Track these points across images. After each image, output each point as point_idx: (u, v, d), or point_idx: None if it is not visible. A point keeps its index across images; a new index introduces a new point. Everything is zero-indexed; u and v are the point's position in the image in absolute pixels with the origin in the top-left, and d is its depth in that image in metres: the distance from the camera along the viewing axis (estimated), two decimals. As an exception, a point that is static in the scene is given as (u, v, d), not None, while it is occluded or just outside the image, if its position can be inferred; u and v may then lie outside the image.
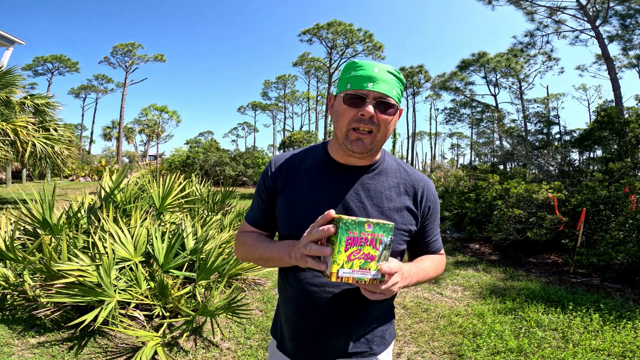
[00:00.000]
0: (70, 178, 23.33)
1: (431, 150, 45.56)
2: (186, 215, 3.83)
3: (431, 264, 1.05)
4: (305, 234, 0.79)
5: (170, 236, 3.16)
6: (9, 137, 6.58)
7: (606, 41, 11.29)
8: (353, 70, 0.91)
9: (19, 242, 3.15)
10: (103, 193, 3.61)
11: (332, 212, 0.77)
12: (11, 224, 3.27)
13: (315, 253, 0.76)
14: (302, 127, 44.66)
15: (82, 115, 42.28)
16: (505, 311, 3.56)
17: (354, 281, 0.73)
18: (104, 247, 2.82)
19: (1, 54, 12.71)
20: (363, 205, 0.96)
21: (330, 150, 1.02)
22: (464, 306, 3.76)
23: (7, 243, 2.82)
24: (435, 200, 1.07)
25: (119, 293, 2.68)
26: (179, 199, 4.00)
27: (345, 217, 0.73)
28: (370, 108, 0.88)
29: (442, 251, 1.14)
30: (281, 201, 1.01)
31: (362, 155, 0.94)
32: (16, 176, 19.33)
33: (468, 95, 22.87)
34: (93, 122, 44.98)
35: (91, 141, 41.97)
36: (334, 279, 0.72)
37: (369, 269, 0.73)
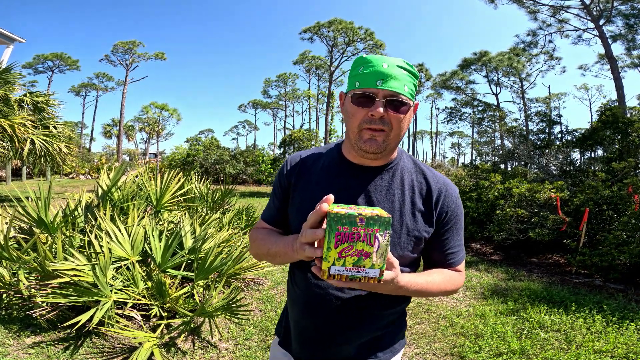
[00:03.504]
0: (71, 176, 23.33)
1: (432, 149, 45.52)
2: (184, 213, 3.79)
3: (440, 279, 0.94)
4: (304, 223, 0.75)
5: (168, 235, 3.12)
6: (7, 133, 6.54)
7: (610, 40, 11.22)
8: (362, 66, 0.87)
9: (14, 241, 3.11)
10: (100, 191, 3.57)
11: (324, 207, 0.69)
12: (6, 222, 3.23)
13: (309, 238, 0.71)
14: (302, 125, 44.62)
15: (83, 113, 42.35)
16: (507, 312, 3.52)
17: (348, 279, 0.67)
18: (101, 246, 2.78)
19: (1, 51, 12.68)
20: (372, 206, 0.92)
21: (344, 150, 0.99)
22: (465, 307, 3.72)
23: (2, 242, 2.78)
24: (457, 206, 0.98)
25: (115, 293, 2.63)
26: (177, 197, 3.96)
27: (334, 210, 0.65)
28: (380, 109, 0.84)
29: (461, 268, 1.02)
30: (294, 199, 1.00)
31: (376, 156, 0.90)
32: (16, 174, 19.32)
33: (469, 94, 22.79)
34: (93, 120, 45.03)
35: (91, 139, 42.00)
36: (325, 277, 0.66)
37: (364, 267, 0.66)
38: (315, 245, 0.72)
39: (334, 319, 0.94)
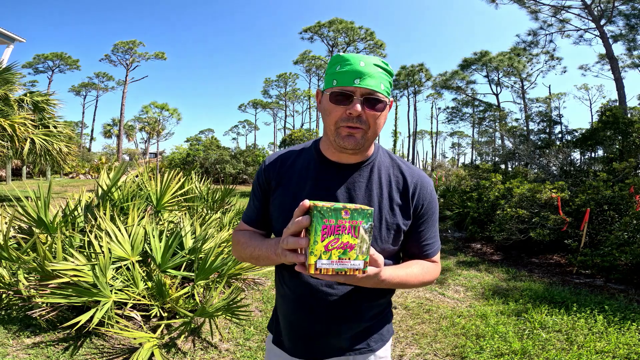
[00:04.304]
0: (71, 175, 23.32)
1: (432, 149, 45.46)
2: (185, 213, 3.78)
3: (418, 270, 0.97)
4: (285, 229, 0.76)
5: (168, 235, 3.12)
6: (7, 133, 6.53)
7: (610, 41, 11.20)
8: (339, 65, 0.88)
9: (14, 241, 3.10)
10: (100, 191, 3.56)
11: (306, 202, 0.72)
12: (6, 222, 3.22)
13: (291, 246, 0.72)
14: (302, 125, 44.57)
15: (83, 113, 42.37)
16: (508, 312, 3.51)
17: (334, 272, 0.68)
18: (100, 246, 2.77)
19: (2, 51, 12.67)
20: (353, 203, 0.94)
21: (322, 147, 1.00)
22: (466, 307, 3.71)
23: (1, 242, 2.77)
24: (432, 199, 1.01)
25: (115, 293, 2.62)
26: (177, 197, 3.95)
27: (320, 204, 0.68)
28: (358, 106, 0.85)
29: (437, 258, 1.06)
30: (274, 200, 1.01)
31: (354, 152, 0.92)
32: (16, 173, 19.32)
33: (470, 94, 22.75)
34: (94, 120, 45.10)
35: (92, 139, 42.01)
36: (312, 271, 0.67)
37: (349, 259, 0.68)
38: (301, 235, 0.73)
39: (324, 314, 0.97)
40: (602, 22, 11.10)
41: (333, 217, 0.67)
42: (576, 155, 8.98)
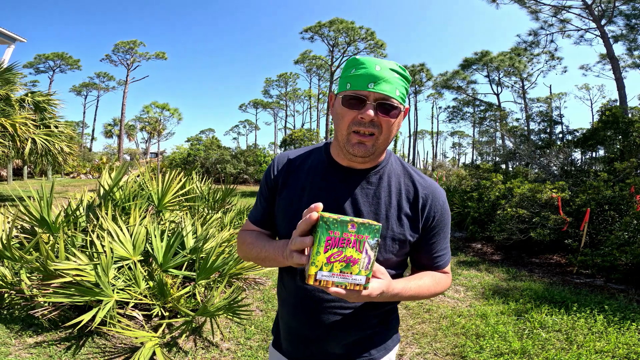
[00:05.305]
0: (72, 175, 23.36)
1: (433, 149, 45.43)
2: (186, 213, 3.79)
3: (430, 282, 0.95)
4: (294, 231, 0.75)
5: (170, 235, 3.13)
6: (8, 133, 6.55)
7: (611, 41, 11.20)
8: (354, 68, 0.86)
9: (16, 241, 3.12)
10: (102, 191, 3.58)
11: (319, 206, 0.70)
12: (8, 222, 3.23)
13: (298, 246, 0.71)
14: (303, 125, 44.60)
15: (84, 113, 42.45)
16: (508, 312, 3.52)
17: (333, 285, 0.67)
18: (102, 246, 2.79)
19: (3, 51, 12.70)
20: (359, 210, 0.93)
21: (332, 151, 0.98)
22: (466, 307, 3.72)
23: (4, 241, 2.79)
24: (444, 211, 0.98)
25: (117, 292, 2.64)
26: (178, 197, 3.96)
27: (327, 214, 0.66)
28: (371, 111, 0.83)
29: (448, 269, 1.03)
30: (281, 201, 0.99)
31: (364, 159, 0.90)
32: (17, 173, 19.36)
33: (470, 94, 22.74)
34: (94, 120, 45.27)
35: (92, 139, 42.08)
36: (311, 282, 0.66)
37: (351, 273, 0.67)
38: (305, 253, 0.72)
39: (321, 320, 0.95)
40: (603, 22, 11.10)
41: (338, 229, 0.65)
42: (577, 155, 8.99)
